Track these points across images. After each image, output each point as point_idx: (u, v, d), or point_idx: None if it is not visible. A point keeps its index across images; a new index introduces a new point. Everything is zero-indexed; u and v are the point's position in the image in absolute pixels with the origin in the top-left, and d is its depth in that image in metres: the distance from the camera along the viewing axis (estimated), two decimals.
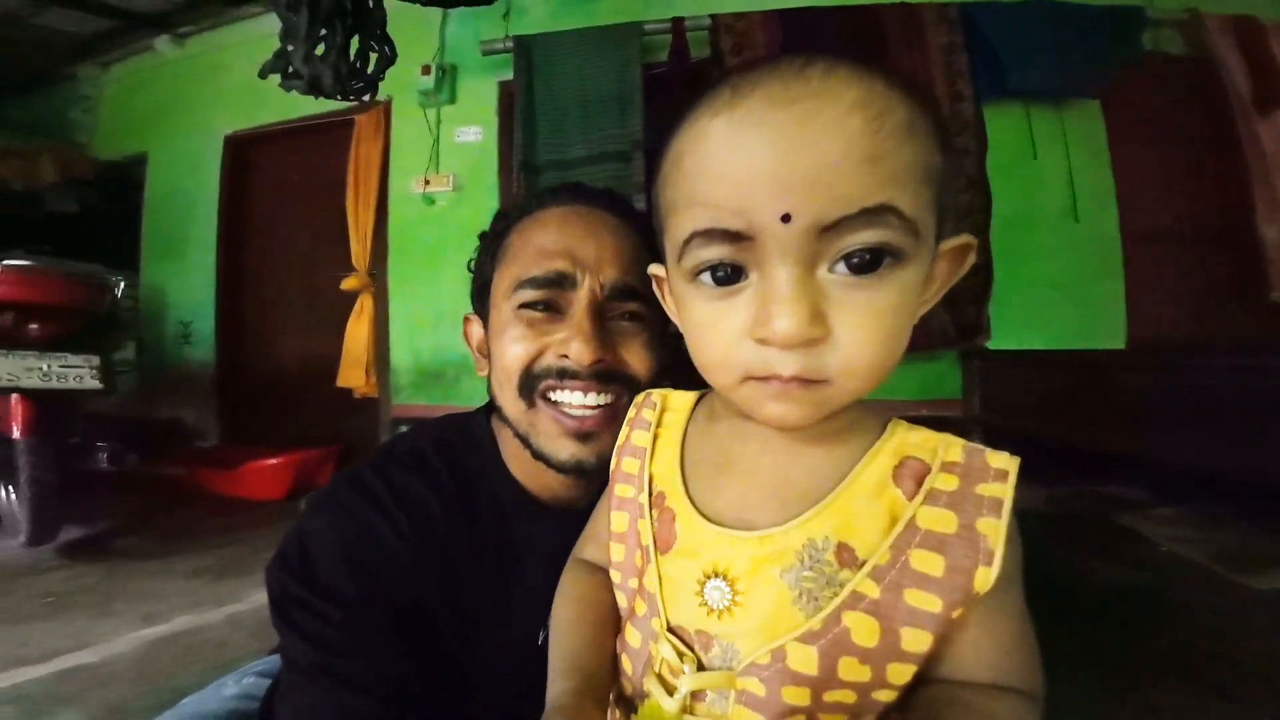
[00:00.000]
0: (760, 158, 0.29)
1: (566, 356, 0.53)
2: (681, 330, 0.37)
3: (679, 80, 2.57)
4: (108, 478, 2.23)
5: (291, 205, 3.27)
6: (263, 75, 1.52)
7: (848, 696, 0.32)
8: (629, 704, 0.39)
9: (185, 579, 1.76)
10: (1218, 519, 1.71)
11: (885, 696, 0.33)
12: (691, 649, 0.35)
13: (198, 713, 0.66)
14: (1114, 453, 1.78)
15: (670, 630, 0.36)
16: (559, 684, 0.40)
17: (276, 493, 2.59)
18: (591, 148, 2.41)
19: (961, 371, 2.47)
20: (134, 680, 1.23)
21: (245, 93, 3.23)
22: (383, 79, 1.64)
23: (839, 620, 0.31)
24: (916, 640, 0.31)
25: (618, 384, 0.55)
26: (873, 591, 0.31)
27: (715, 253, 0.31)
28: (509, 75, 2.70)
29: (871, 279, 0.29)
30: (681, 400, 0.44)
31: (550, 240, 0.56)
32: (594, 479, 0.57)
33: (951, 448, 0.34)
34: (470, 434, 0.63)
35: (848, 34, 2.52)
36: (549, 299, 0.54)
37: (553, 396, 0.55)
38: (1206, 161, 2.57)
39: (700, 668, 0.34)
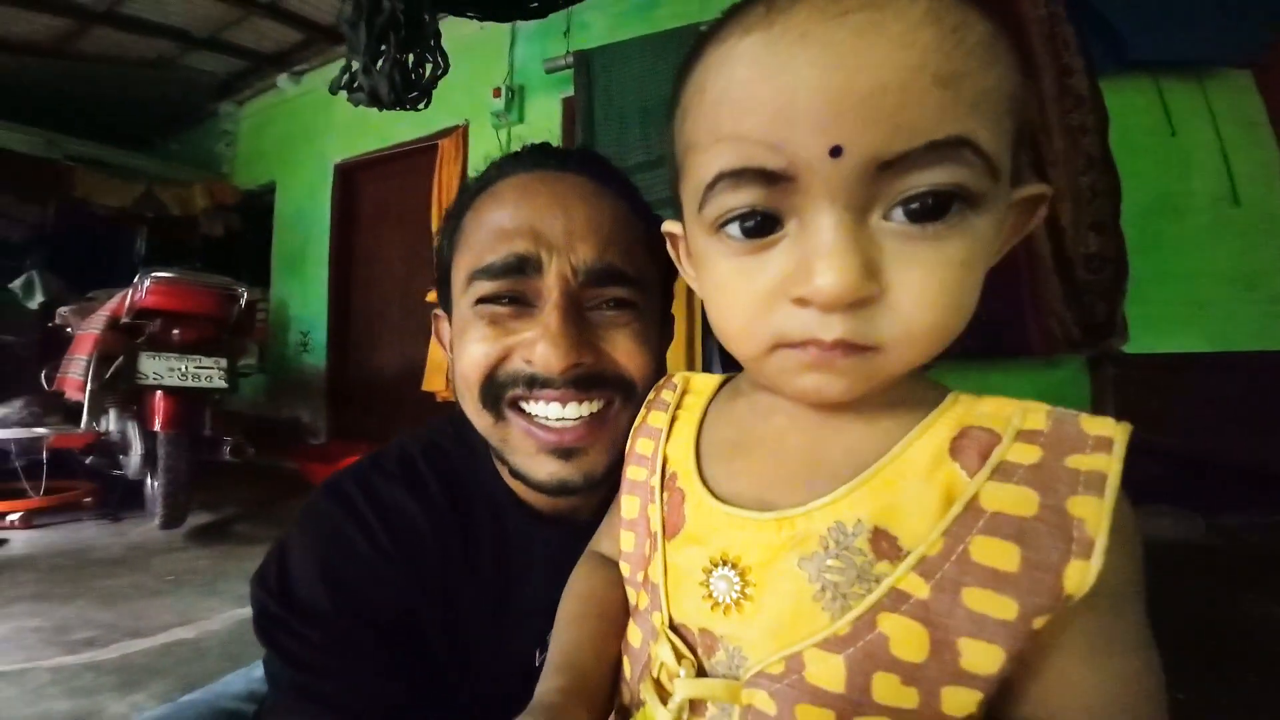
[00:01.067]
0: (804, 78, 0.23)
1: (531, 361, 0.44)
2: (701, 294, 0.32)
3: None
4: (232, 470, 2.53)
5: (389, 225, 3.58)
6: (333, 91, 1.63)
7: None
8: (625, 714, 0.34)
9: None
10: None
11: None
12: (694, 651, 0.29)
13: (193, 702, 0.65)
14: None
15: (673, 628, 0.30)
16: (549, 680, 0.35)
17: None
18: (650, 152, 2.36)
19: (1091, 380, 2.10)
20: (220, 657, 1.35)
21: (351, 124, 3.58)
22: (435, 88, 1.71)
23: (873, 625, 0.24)
24: (982, 658, 0.23)
25: (605, 389, 0.46)
26: (920, 590, 0.24)
27: (746, 197, 0.25)
28: (571, 91, 2.76)
29: (939, 228, 0.24)
30: (705, 382, 0.39)
31: (508, 217, 0.46)
32: (592, 492, 0.50)
33: (1033, 414, 0.26)
34: (465, 438, 0.56)
35: None
36: (512, 290, 0.45)
37: (524, 407, 0.46)
38: None
39: (701, 674, 0.29)
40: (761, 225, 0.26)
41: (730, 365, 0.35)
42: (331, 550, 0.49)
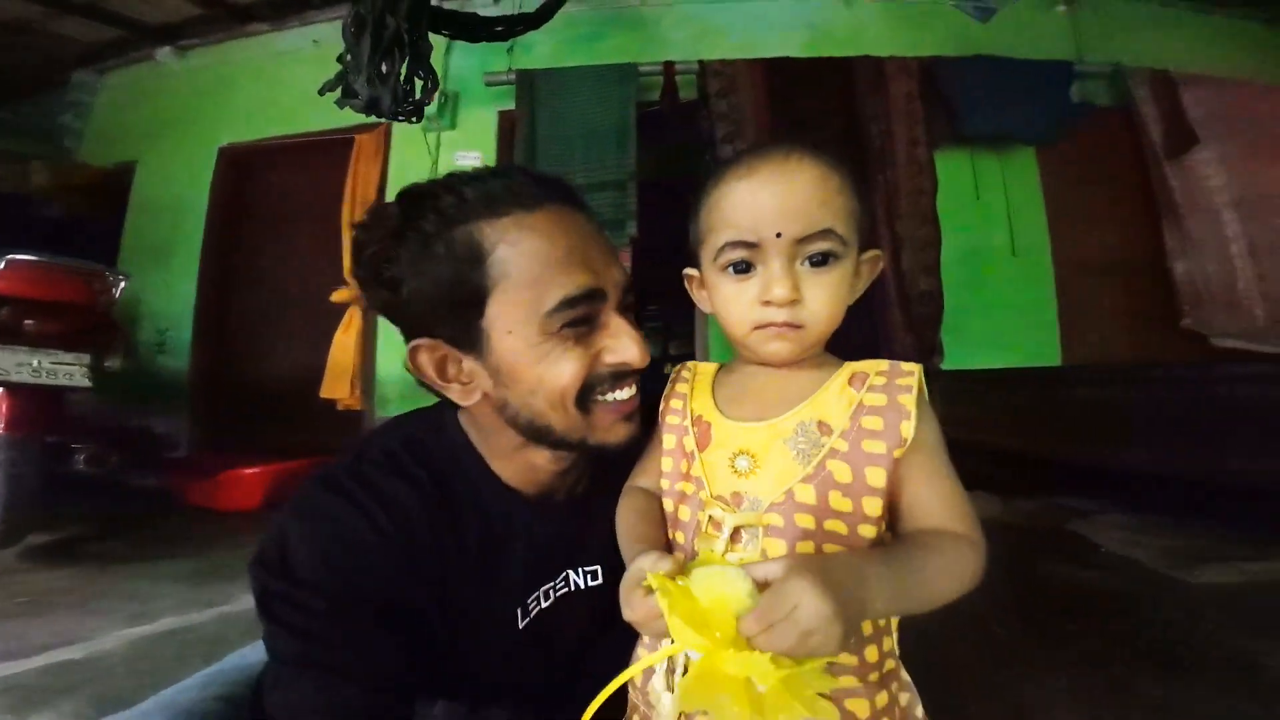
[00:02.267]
0: (764, 203, 0.47)
1: (624, 362, 0.55)
2: (713, 305, 0.54)
3: (670, 118, 2.78)
4: (72, 483, 2.16)
5: (287, 218, 3.31)
6: (322, 93, 1.62)
7: (840, 527, 0.45)
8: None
9: (170, 582, 1.73)
10: (1155, 523, 1.87)
11: (867, 532, 0.45)
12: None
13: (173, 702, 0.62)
14: (1061, 461, 1.95)
15: (714, 497, 0.50)
16: (639, 545, 0.51)
17: (251, 502, 2.54)
18: (592, 176, 2.55)
19: None
20: (128, 674, 1.22)
21: (250, 108, 3.32)
22: (429, 104, 1.76)
23: (824, 466, 0.46)
24: (876, 476, 0.45)
25: (636, 374, 0.58)
26: (843, 446, 0.46)
27: (737, 254, 0.48)
28: (509, 105, 2.87)
29: (823, 269, 0.47)
30: (705, 366, 0.60)
31: (564, 251, 0.53)
32: (577, 474, 0.64)
33: (881, 364, 0.50)
34: (441, 431, 0.62)
35: (822, 82, 2.78)
36: (588, 313, 0.54)
37: (604, 398, 0.56)
38: (1127, 202, 2.91)
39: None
40: (745, 267, 0.49)
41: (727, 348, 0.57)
42: (334, 535, 0.51)
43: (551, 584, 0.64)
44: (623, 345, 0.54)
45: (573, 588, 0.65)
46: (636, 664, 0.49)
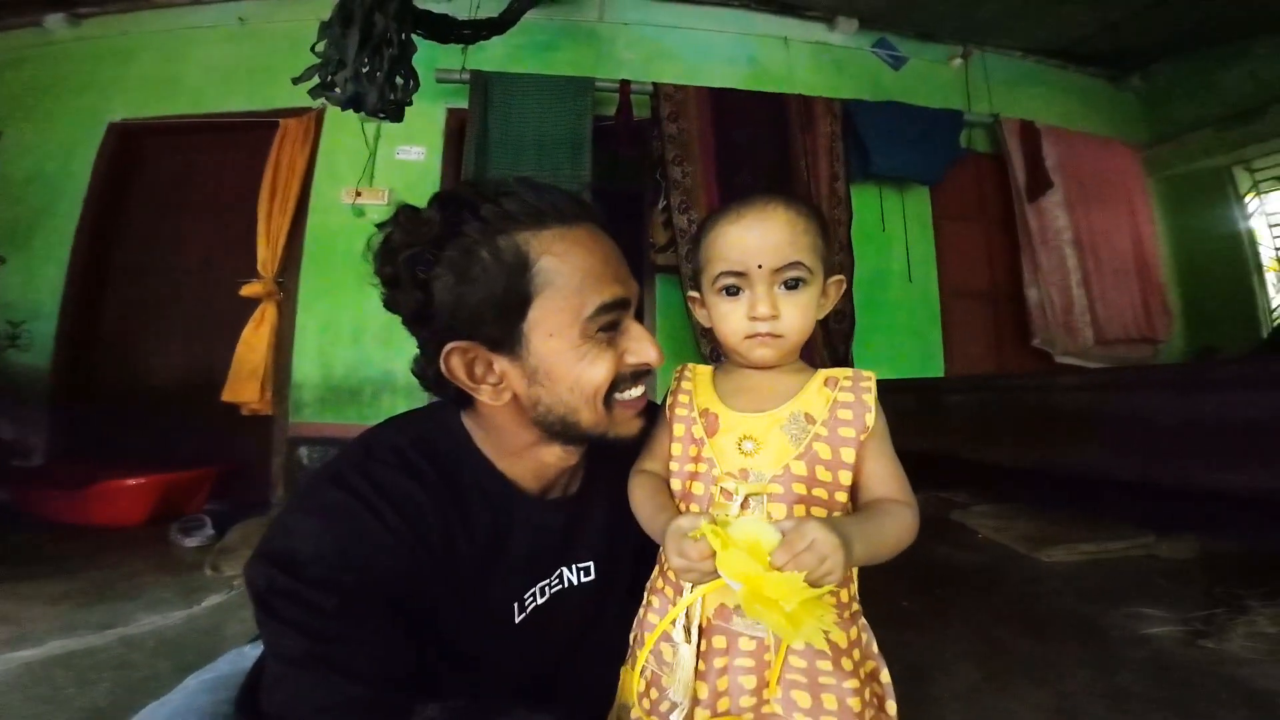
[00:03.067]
0: (749, 241, 0.59)
1: (644, 362, 0.61)
2: (711, 319, 0.65)
3: (624, 134, 2.89)
4: None
5: (187, 204, 2.97)
6: (296, 82, 1.53)
7: (823, 493, 0.57)
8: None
9: (45, 604, 1.50)
10: (1018, 510, 2.22)
11: (841, 497, 0.58)
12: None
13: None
14: (945, 458, 2.26)
15: (725, 474, 0.60)
16: (665, 515, 0.58)
17: (133, 517, 2.24)
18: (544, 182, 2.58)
19: None
20: (25, 700, 1.06)
21: (150, 83, 2.98)
22: (410, 104, 1.73)
23: (810, 446, 0.58)
24: (848, 454, 0.58)
25: (648, 374, 0.64)
26: (824, 432, 0.58)
27: (730, 280, 0.60)
28: (457, 103, 2.84)
29: (794, 292, 0.60)
30: (702, 368, 0.69)
31: (600, 263, 0.59)
32: (574, 472, 0.69)
33: (847, 371, 0.62)
34: (446, 429, 0.64)
35: (759, 113, 3.02)
36: (618, 319, 0.60)
37: (623, 395, 0.62)
38: (997, 237, 3.42)
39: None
40: (736, 290, 0.61)
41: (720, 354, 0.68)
42: (346, 533, 0.52)
43: (546, 581, 0.67)
44: (643, 348, 0.61)
45: (566, 584, 0.68)
46: (672, 610, 0.57)
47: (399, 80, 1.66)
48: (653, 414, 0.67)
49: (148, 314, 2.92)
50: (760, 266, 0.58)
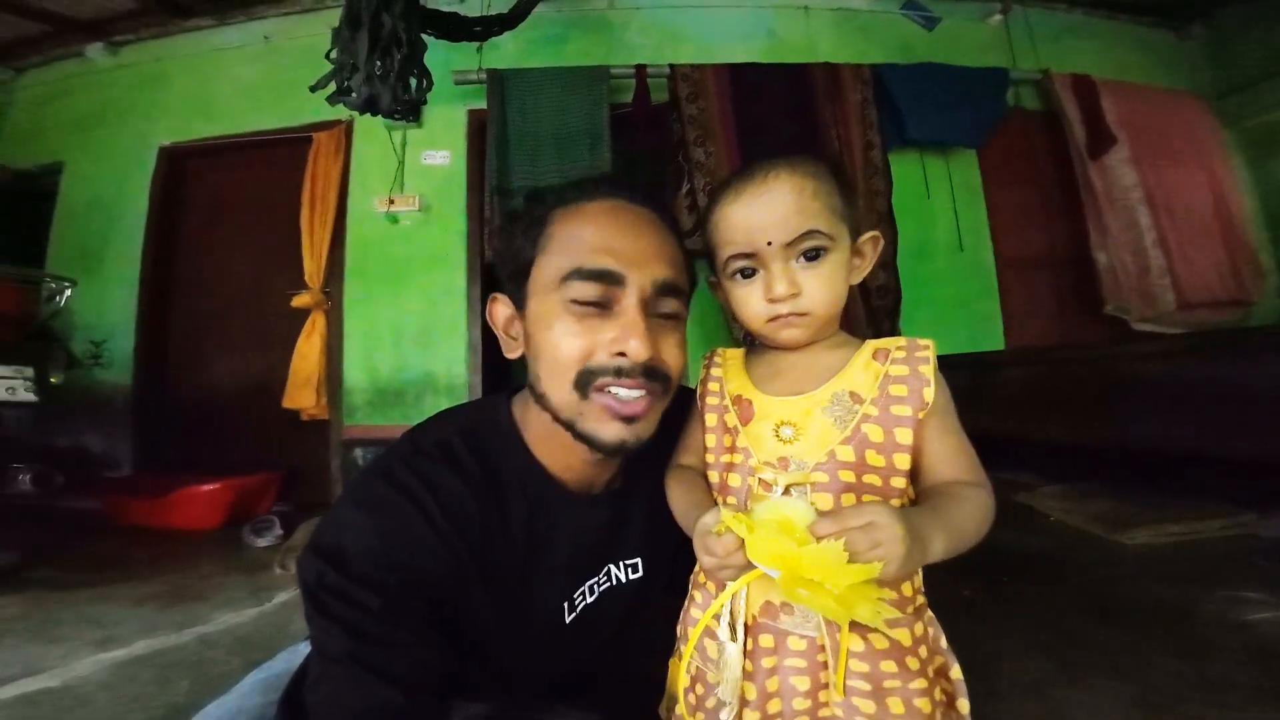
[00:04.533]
0: (753, 220, 0.55)
1: (622, 355, 0.54)
2: (731, 305, 0.60)
3: (642, 120, 2.83)
4: (10, 506, 1.98)
5: (234, 221, 3.13)
6: (314, 89, 1.57)
7: (875, 479, 0.52)
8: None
9: (131, 606, 1.61)
10: (1091, 490, 2.06)
11: (898, 483, 0.52)
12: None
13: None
14: (1005, 438, 2.11)
15: (762, 464, 0.56)
16: (696, 513, 0.54)
17: (212, 521, 2.40)
18: (565, 176, 2.56)
19: None
20: (111, 700, 1.14)
21: (188, 105, 3.12)
22: (425, 104, 1.74)
23: (859, 429, 0.53)
24: (904, 435, 0.52)
25: (658, 381, 0.57)
26: (873, 411, 0.53)
27: (741, 263, 0.56)
28: (478, 104, 2.85)
29: (815, 263, 0.54)
30: (733, 352, 0.66)
31: (595, 235, 0.56)
32: (616, 465, 0.65)
33: (900, 340, 0.56)
34: (494, 421, 0.63)
35: (782, 86, 2.90)
36: (600, 296, 0.55)
37: (607, 389, 0.56)
38: (1056, 199, 3.18)
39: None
40: (749, 273, 0.56)
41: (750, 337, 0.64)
42: (393, 530, 0.52)
43: (595, 579, 0.66)
44: (625, 334, 0.54)
45: (615, 582, 0.67)
46: (712, 605, 0.54)
47: (412, 80, 1.66)
48: (667, 430, 0.63)
49: (210, 328, 3.11)
50: (770, 244, 0.53)
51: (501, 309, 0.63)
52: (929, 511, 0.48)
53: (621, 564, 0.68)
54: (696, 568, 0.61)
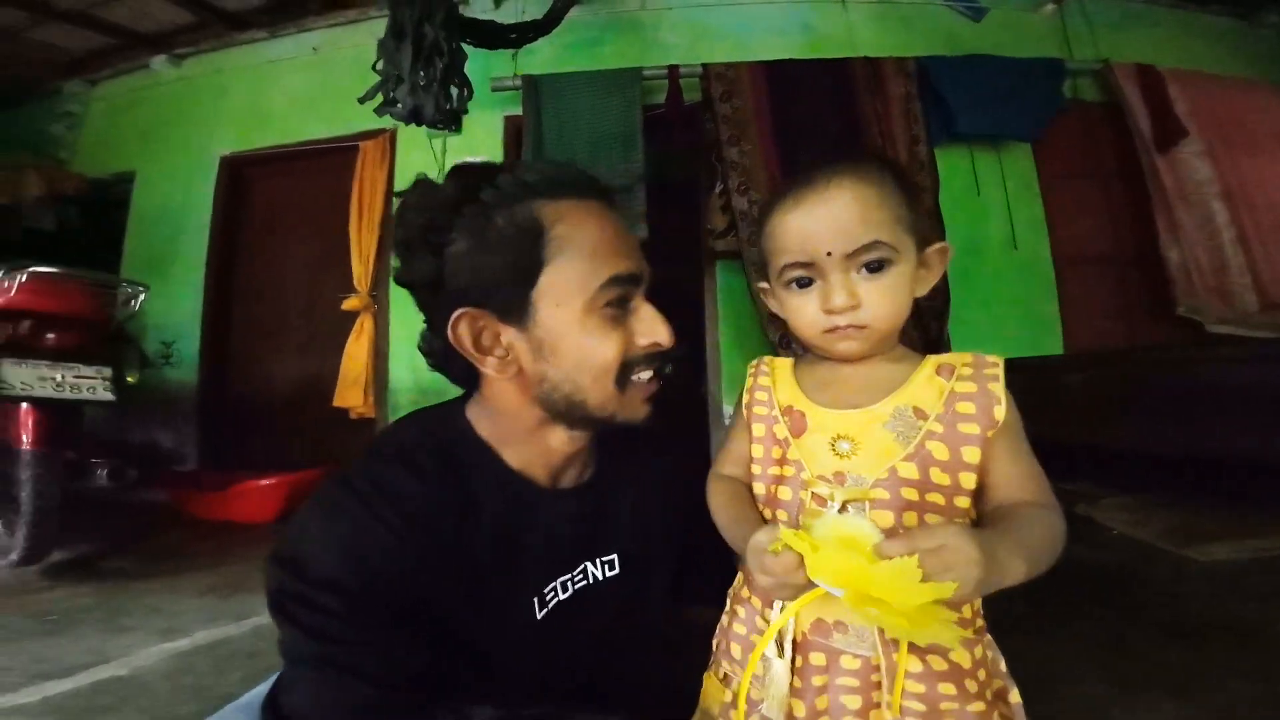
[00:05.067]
0: (812, 228, 0.53)
1: (656, 342, 0.59)
2: (784, 314, 0.58)
3: (675, 121, 2.81)
4: (86, 499, 2.14)
5: (288, 228, 3.29)
6: (362, 101, 1.63)
7: (939, 498, 0.50)
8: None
9: (194, 596, 1.72)
10: (1156, 502, 1.93)
11: (962, 503, 0.50)
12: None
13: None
14: (1063, 446, 2.00)
15: (816, 478, 0.55)
16: (745, 528, 0.54)
17: (267, 514, 2.53)
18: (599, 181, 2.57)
19: None
20: (171, 690, 1.22)
21: (245, 115, 3.29)
22: (466, 113, 1.79)
23: (924, 446, 0.50)
24: (971, 454, 0.50)
25: (661, 359, 0.62)
26: (938, 428, 0.51)
27: (798, 272, 0.54)
28: (514, 110, 2.89)
29: (877, 275, 0.52)
30: (781, 361, 0.63)
31: (612, 237, 0.58)
32: (585, 457, 0.66)
33: (966, 356, 0.54)
34: (452, 426, 0.63)
35: (822, 84, 2.81)
36: (627, 296, 0.58)
37: (636, 377, 0.60)
38: (1120, 194, 2.98)
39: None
40: (806, 282, 0.54)
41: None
42: (349, 532, 0.52)
43: (569, 575, 0.65)
44: (655, 328, 0.59)
45: (591, 580, 0.66)
46: (768, 630, 0.52)
47: (453, 89, 1.70)
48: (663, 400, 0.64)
49: (267, 330, 3.28)
50: (830, 254, 0.51)
51: (469, 325, 0.57)
52: (1003, 534, 0.46)
53: (599, 561, 0.67)
54: (738, 581, 0.60)
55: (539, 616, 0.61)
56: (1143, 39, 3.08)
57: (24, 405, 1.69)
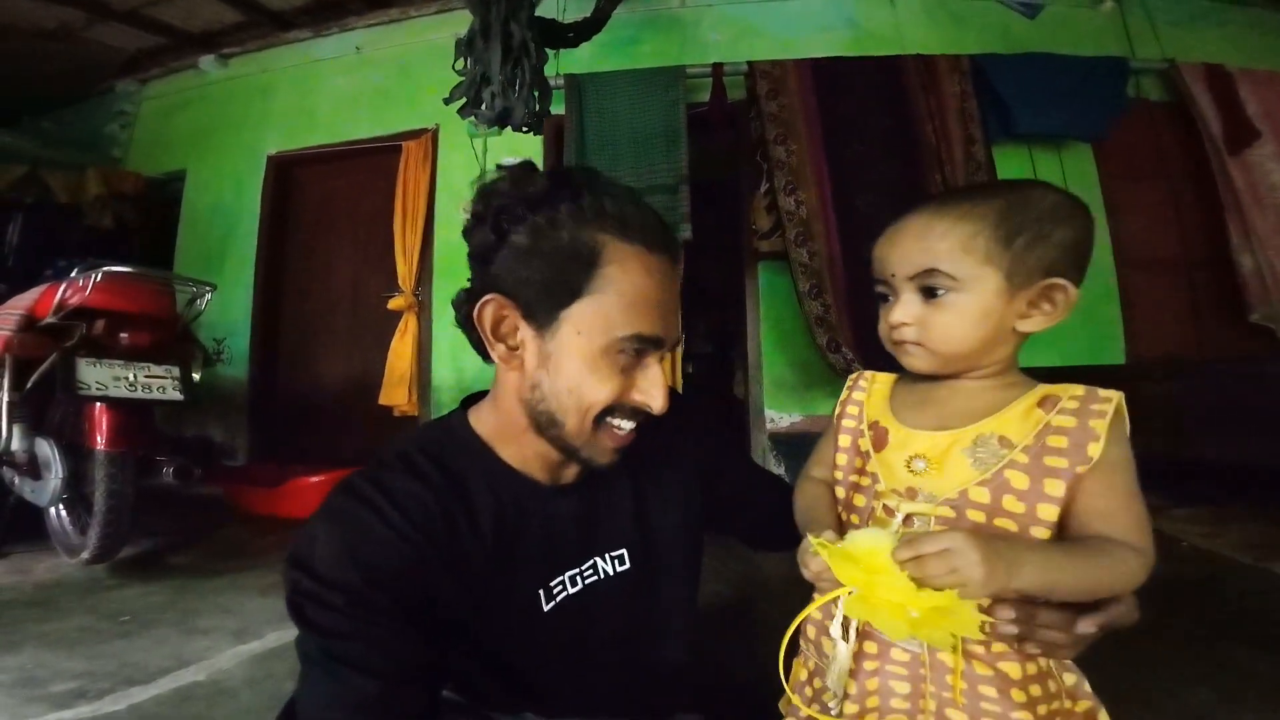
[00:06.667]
0: (886, 250, 0.58)
1: (647, 404, 0.60)
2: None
3: (718, 119, 2.75)
4: (148, 495, 2.21)
5: (334, 226, 3.33)
6: (447, 102, 1.60)
7: (1010, 524, 0.50)
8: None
9: (259, 596, 1.76)
10: (1230, 514, 1.87)
11: (1039, 533, 0.50)
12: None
13: None
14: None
15: (889, 490, 0.57)
16: (822, 526, 0.56)
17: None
18: (642, 180, 2.54)
19: None
20: (252, 695, 1.24)
21: (291, 115, 3.33)
22: (548, 115, 1.75)
23: (1002, 474, 0.51)
24: (1054, 487, 0.50)
25: (645, 415, 0.63)
26: (1023, 459, 0.51)
27: (879, 288, 0.60)
28: (556, 109, 2.84)
29: (935, 300, 0.55)
30: (883, 376, 0.67)
31: (656, 298, 0.59)
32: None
33: (1076, 389, 0.53)
34: (452, 434, 0.66)
35: (872, 82, 2.72)
36: (641, 352, 0.60)
37: (613, 422, 0.61)
38: (1187, 197, 2.86)
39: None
40: (884, 298, 0.59)
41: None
42: (353, 533, 0.55)
43: (578, 570, 0.67)
44: (654, 393, 0.60)
45: (601, 575, 0.68)
46: (804, 610, 0.56)
47: (535, 90, 1.66)
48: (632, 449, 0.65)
49: (315, 328, 3.34)
50: (894, 275, 0.56)
51: (494, 309, 0.60)
52: (1030, 542, 0.49)
53: (607, 556, 0.69)
54: None
55: (546, 610, 0.64)
56: (1210, 37, 2.95)
57: (98, 405, 1.74)
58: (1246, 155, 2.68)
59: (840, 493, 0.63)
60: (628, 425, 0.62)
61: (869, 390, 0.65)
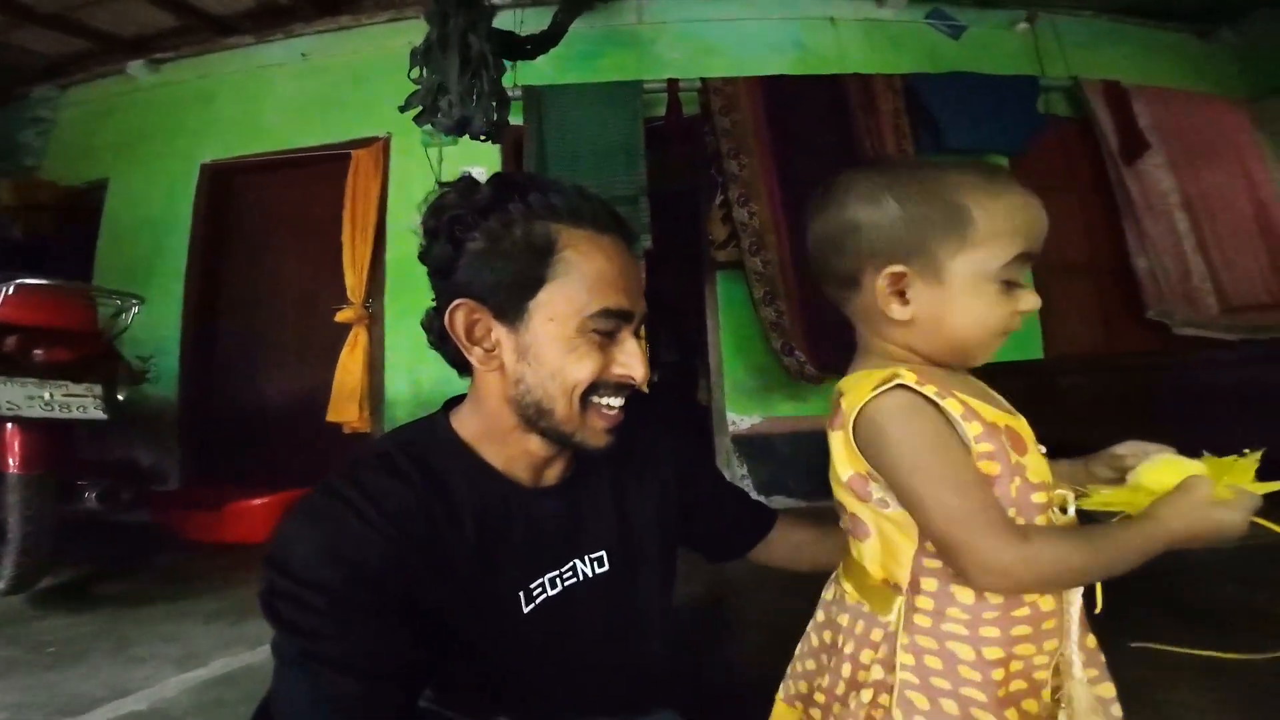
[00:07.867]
0: (1044, 220, 0.57)
1: (628, 375, 0.62)
2: (955, 307, 0.56)
3: (675, 133, 2.85)
4: (69, 522, 2.03)
5: (278, 237, 3.19)
6: (402, 110, 1.60)
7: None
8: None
9: (203, 623, 1.65)
10: None
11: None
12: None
13: None
14: (1061, 445, 2.10)
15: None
16: (1121, 532, 0.55)
17: (259, 535, 2.42)
18: (603, 191, 2.56)
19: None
20: None
21: (232, 122, 3.19)
22: (508, 125, 1.76)
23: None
24: None
25: (630, 390, 0.65)
26: None
27: (1022, 265, 0.56)
28: (514, 120, 2.87)
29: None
30: (936, 379, 0.57)
31: (616, 273, 0.61)
32: (566, 458, 0.68)
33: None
34: (434, 431, 0.66)
35: (815, 98, 2.91)
36: (613, 328, 0.61)
37: (600, 401, 0.62)
38: (1093, 206, 3.16)
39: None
40: (1009, 285, 0.56)
41: None
42: (332, 532, 0.54)
43: (557, 572, 0.66)
44: (633, 362, 0.62)
45: (580, 578, 0.68)
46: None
47: (494, 102, 1.68)
48: (626, 433, 0.66)
49: (256, 343, 3.17)
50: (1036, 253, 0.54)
51: (465, 314, 0.61)
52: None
53: (587, 558, 0.69)
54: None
55: (525, 611, 0.63)
56: (1107, 56, 3.27)
57: (10, 426, 1.60)
58: (1139, 165, 3.00)
59: (1011, 512, 0.52)
60: (616, 403, 0.63)
61: (959, 397, 0.53)
